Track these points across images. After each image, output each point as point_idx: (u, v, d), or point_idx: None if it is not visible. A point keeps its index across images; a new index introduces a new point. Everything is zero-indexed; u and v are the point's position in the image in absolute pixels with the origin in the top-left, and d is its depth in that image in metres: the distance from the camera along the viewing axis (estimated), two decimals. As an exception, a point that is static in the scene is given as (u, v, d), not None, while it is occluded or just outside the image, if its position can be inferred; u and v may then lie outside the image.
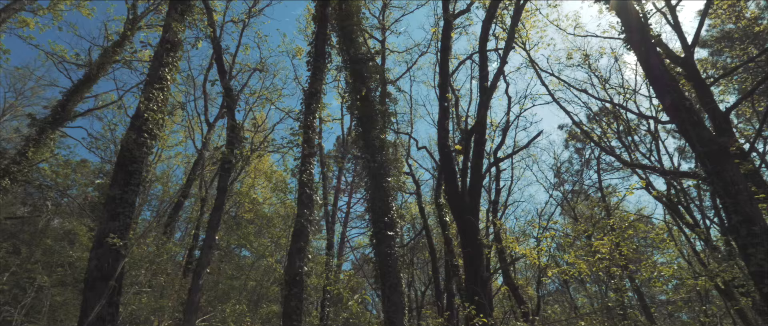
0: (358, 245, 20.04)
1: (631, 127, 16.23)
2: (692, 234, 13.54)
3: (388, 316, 6.36)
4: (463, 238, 8.33)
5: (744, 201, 5.07)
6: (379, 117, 10.07)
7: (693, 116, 5.94)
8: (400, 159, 16.22)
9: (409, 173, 17.01)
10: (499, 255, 12.26)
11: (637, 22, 7.26)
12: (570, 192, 19.80)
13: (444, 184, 11.88)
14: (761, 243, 4.70)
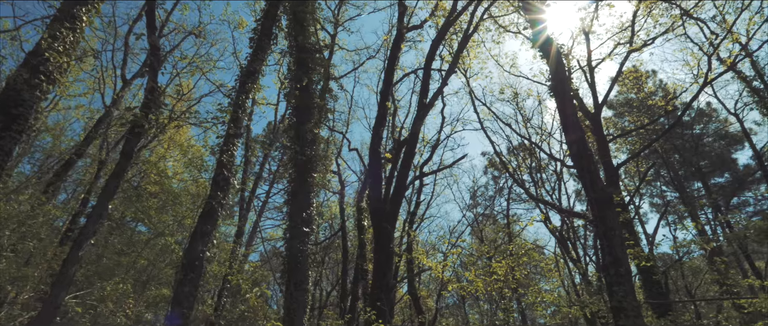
0: (270, 237, 19.33)
1: (542, 165, 17.98)
2: (574, 267, 15.37)
3: (289, 313, 6.20)
4: (377, 244, 8.48)
5: (617, 246, 5.90)
6: (316, 110, 9.89)
7: (591, 165, 6.78)
8: (330, 156, 16.08)
9: (336, 172, 16.92)
10: (407, 265, 12.70)
11: (561, 74, 8.10)
12: (481, 215, 21.27)
13: (368, 189, 12.02)
14: (624, 283, 5.50)
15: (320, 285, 19.51)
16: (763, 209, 18.97)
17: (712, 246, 11.93)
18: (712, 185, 20.22)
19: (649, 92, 19.39)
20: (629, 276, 5.75)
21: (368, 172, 13.96)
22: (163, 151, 16.49)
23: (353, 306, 11.49)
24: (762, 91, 15.19)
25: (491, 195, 21.91)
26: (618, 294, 5.27)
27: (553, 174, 18.46)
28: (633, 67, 17.85)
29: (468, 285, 7.81)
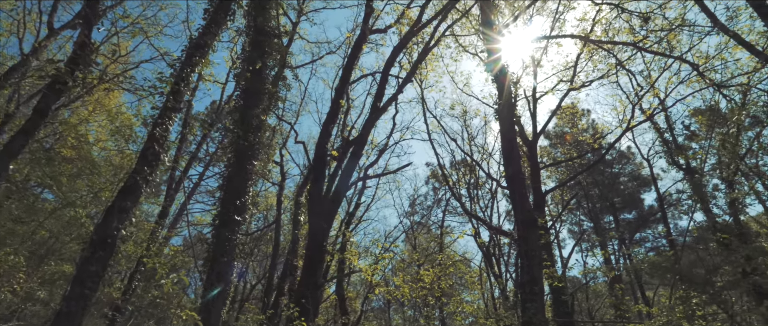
0: (197, 221, 18.24)
1: (479, 183, 18.90)
2: (495, 282, 16.31)
3: (206, 303, 5.89)
4: (311, 241, 8.35)
5: (536, 266, 6.37)
6: (266, 96, 9.55)
7: (522, 189, 7.26)
8: (274, 146, 15.59)
9: (278, 163, 16.42)
10: (338, 265, 12.64)
11: (508, 100, 8.60)
12: (417, 223, 21.84)
13: (310, 184, 11.81)
14: (536, 300, 5.95)
15: (245, 278, 18.75)
16: (658, 246, 21.51)
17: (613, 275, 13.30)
18: (621, 220, 22.55)
19: (581, 129, 21.24)
20: (542, 294, 6.23)
21: (312, 167, 13.72)
22: (87, 114, 14.91)
23: (277, 302, 11.18)
24: (670, 143, 17.27)
25: (429, 205, 22.58)
26: (530, 311, 5.68)
27: (489, 192, 19.49)
28: (571, 103, 19.46)
29: (395, 290, 7.96)
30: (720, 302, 10.33)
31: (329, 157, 11.67)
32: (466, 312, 7.41)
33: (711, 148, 15.20)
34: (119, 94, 16.13)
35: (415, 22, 12.77)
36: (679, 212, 20.63)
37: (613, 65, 14.99)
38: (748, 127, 13.51)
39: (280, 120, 16.25)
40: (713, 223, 13.18)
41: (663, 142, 17.46)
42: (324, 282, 8.74)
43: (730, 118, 13.65)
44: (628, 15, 12.91)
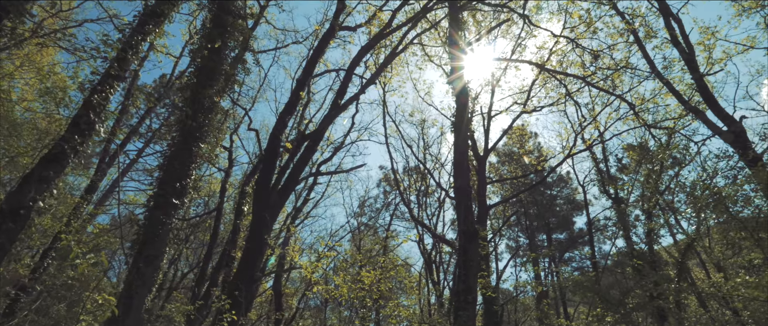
0: (130, 200, 16.95)
1: (429, 191, 19.34)
2: (433, 288, 16.76)
3: (130, 288, 5.48)
4: (253, 232, 8.07)
5: (472, 275, 6.63)
6: (222, 78, 9.12)
7: (468, 201, 7.53)
8: (225, 130, 14.93)
9: (227, 148, 15.73)
10: (278, 260, 12.33)
11: (465, 115, 8.90)
12: (364, 224, 21.89)
13: (258, 174, 11.42)
14: (469, 309, 6.19)
15: (177, 265, 17.71)
16: (583, 266, 23.25)
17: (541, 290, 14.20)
18: (554, 239, 24.11)
19: (528, 150, 22.46)
20: (475, 303, 6.49)
21: (263, 157, 13.28)
22: (12, 69, 13.36)
23: (209, 293, 10.66)
24: (604, 173, 18.77)
25: (378, 207, 22.75)
26: (462, 318, 5.89)
27: (437, 201, 20.01)
28: (521, 125, 20.53)
29: (334, 290, 7.91)
30: (629, 322, 11.36)
31: (282, 149, 11.37)
32: (401, 315, 7.54)
33: (637, 182, 16.73)
34: (54, 52, 14.65)
35: (386, 25, 12.84)
36: (605, 237, 22.44)
37: (563, 95, 16.05)
38: (669, 166, 15.02)
39: (234, 104, 15.59)
40: (631, 250, 14.50)
41: (598, 171, 18.93)
42: (261, 276, 8.48)
43: (655, 157, 15.12)
44: (582, 50, 13.91)
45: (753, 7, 12.56)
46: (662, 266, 14.23)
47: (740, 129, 11.18)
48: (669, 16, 13.39)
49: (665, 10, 13.49)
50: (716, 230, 11.68)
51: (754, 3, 12.47)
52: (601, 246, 23.26)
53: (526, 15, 11.94)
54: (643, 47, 13.82)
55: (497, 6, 13.31)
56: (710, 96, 12.13)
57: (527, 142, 22.77)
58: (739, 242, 9.96)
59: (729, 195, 9.75)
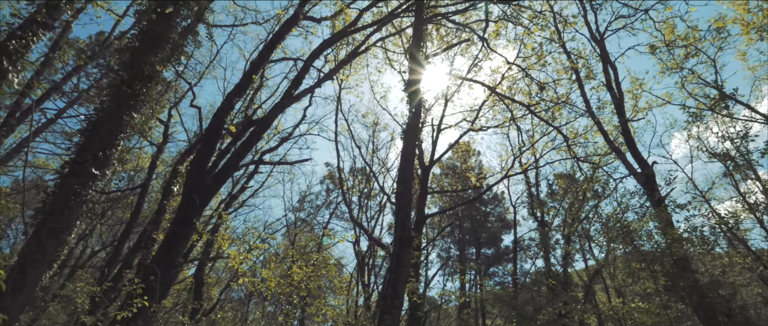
0: (40, 164, 15.11)
1: (372, 194, 19.46)
2: (362, 290, 16.86)
3: (24, 262, 4.88)
4: (180, 215, 7.56)
5: (401, 281, 6.76)
6: (169, 47, 8.50)
7: (408, 209, 7.69)
8: (164, 103, 13.92)
9: (164, 122, 14.63)
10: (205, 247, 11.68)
11: (416, 124, 9.09)
12: (302, 220, 21.49)
13: (195, 154, 10.75)
14: (394, 313, 6.30)
15: (87, 241, 16.05)
16: (504, 282, 24.72)
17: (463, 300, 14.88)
18: (482, 253, 25.38)
19: (470, 166, 23.47)
20: (400, 308, 6.62)
21: (203, 137, 12.51)
22: None
23: (120, 275, 9.77)
24: (534, 197, 20.14)
25: (319, 204, 22.46)
26: (386, 322, 5.97)
27: (378, 204, 20.18)
28: (467, 141, 21.43)
29: (260, 283, 7.64)
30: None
31: (225, 131, 10.82)
32: (327, 315, 7.48)
33: (561, 208, 18.15)
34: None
35: (352, 23, 12.76)
36: (527, 256, 24.02)
37: (508, 119, 17.00)
38: (590, 198, 16.49)
39: (178, 76, 14.56)
40: (548, 270, 15.68)
41: (529, 194, 20.26)
42: (183, 262, 7.96)
43: (580, 187, 16.54)
44: (530, 80, 14.85)
45: (674, 68, 14.25)
46: (573, 288, 15.55)
47: (651, 172, 12.59)
48: (607, 62, 14.79)
49: (605, 56, 14.88)
50: (622, 259, 13.00)
51: (675, 65, 14.16)
52: (523, 264, 24.88)
53: (485, 38, 12.51)
54: (582, 87, 15.11)
55: (460, 25, 13.81)
56: (631, 139, 13.55)
57: (470, 159, 23.80)
58: (638, 272, 11.18)
59: (635, 229, 10.91)
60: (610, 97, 14.51)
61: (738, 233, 11.41)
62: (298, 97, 12.23)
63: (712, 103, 13.21)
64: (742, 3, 13.08)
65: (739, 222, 11.31)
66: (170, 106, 14.93)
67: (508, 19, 13.45)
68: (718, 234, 11.21)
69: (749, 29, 13.20)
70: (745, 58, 14.04)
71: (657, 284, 9.64)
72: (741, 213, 11.47)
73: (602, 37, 14.97)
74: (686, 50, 13.85)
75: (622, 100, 14.29)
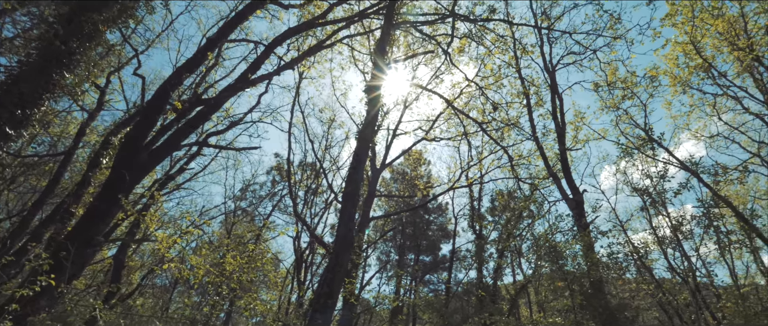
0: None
1: (319, 190, 19.20)
2: (296, 287, 16.55)
3: None
4: (105, 190, 6.94)
5: (337, 281, 6.72)
6: (116, 6, 7.80)
7: (353, 209, 7.69)
8: (103, 66, 12.77)
9: (100, 88, 13.39)
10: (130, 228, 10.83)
11: (372, 126, 9.12)
12: (242, 209, 20.67)
13: (133, 127, 9.94)
14: (327, 313, 6.24)
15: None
16: (438, 289, 25.48)
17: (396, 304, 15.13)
18: (420, 260, 25.97)
19: (420, 174, 23.97)
20: (333, 308, 6.58)
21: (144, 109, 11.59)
22: None
23: (25, 248, 8.74)
24: (475, 210, 20.99)
25: (262, 195, 21.73)
26: (317, 321, 5.91)
27: (324, 202, 19.95)
28: (420, 150, 21.87)
29: (188, 270, 7.22)
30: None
31: (170, 106, 10.13)
32: (257, 309, 7.23)
33: (499, 224, 19.09)
34: None
35: (321, 15, 12.55)
36: (462, 266, 24.96)
37: (461, 133, 17.62)
38: (526, 217, 17.50)
39: (125, 41, 13.42)
40: (480, 281, 16.40)
41: (471, 207, 21.09)
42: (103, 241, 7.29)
43: (517, 206, 17.49)
44: (486, 99, 15.50)
45: (612, 107, 15.59)
46: (500, 300, 16.39)
47: (581, 199, 13.65)
48: (555, 93, 15.84)
49: (554, 87, 15.93)
50: (547, 277, 13.92)
51: (613, 104, 15.50)
52: (457, 274, 25.79)
53: (449, 52, 12.86)
54: (531, 112, 16.06)
55: (427, 36, 14.09)
56: (568, 167, 14.60)
57: (420, 167, 24.31)
58: (560, 290, 12.02)
59: (562, 250, 11.73)
60: (554, 125, 15.56)
61: (646, 262, 12.70)
62: (254, 81, 11.78)
63: (640, 143, 14.63)
64: (673, 58, 14.65)
65: (649, 252, 12.61)
66: (111, 71, 13.72)
67: (473, 38, 13.96)
68: (630, 262, 12.41)
69: (676, 82, 14.81)
70: (670, 107, 15.74)
71: (574, 302, 10.44)
72: (651, 245, 12.78)
73: (554, 69, 16.03)
74: (623, 92, 15.22)
75: (564, 130, 15.38)
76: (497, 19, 13.09)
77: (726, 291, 11.78)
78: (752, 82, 13.46)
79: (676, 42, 14.19)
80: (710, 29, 13.34)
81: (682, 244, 12.64)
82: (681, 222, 12.75)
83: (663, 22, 13.98)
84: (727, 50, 13.40)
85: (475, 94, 16.71)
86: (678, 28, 13.91)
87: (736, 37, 12.78)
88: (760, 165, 14.00)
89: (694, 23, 13.36)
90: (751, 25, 12.53)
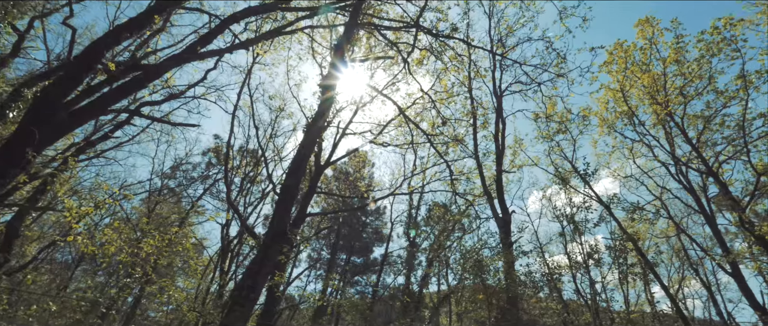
0: None
1: (257, 180, 18.50)
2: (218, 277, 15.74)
3: None
4: (9, 147, 6.08)
5: (263, 275, 6.50)
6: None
7: (290, 203, 7.50)
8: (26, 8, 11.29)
9: (19, 32, 11.76)
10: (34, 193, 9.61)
11: (321, 121, 8.98)
12: (170, 188, 19.27)
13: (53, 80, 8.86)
14: (247, 307, 6.00)
15: None
16: (364, 291, 25.67)
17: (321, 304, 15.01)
18: (352, 261, 26.00)
19: (362, 176, 24.04)
20: (255, 302, 6.35)
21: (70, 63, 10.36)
22: None
23: None
24: (412, 218, 21.50)
25: (194, 176, 20.42)
26: (235, 314, 5.66)
27: (261, 192, 19.24)
28: (367, 152, 21.94)
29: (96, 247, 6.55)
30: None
31: (102, 66, 9.18)
32: (171, 296, 6.74)
33: (432, 234, 19.71)
34: None
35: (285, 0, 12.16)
36: (392, 271, 25.40)
37: (409, 142, 17.97)
38: (458, 230, 18.25)
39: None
40: (407, 288, 16.79)
41: (409, 215, 21.56)
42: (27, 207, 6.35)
43: (451, 219, 18.20)
44: (437, 113, 15.98)
45: (547, 137, 16.83)
46: (423, 307, 16.89)
47: (509, 219, 14.53)
48: (500, 117, 16.77)
49: (499, 111, 16.85)
50: (469, 289, 14.62)
51: (548, 135, 16.75)
52: (386, 278, 26.16)
53: (408, 62, 13.09)
54: (476, 132, 16.85)
55: (389, 41, 14.23)
56: (501, 188, 15.49)
57: (364, 169, 24.40)
58: (480, 302, 12.70)
59: (486, 265, 12.39)
60: (495, 147, 16.46)
61: (557, 284, 13.83)
62: (203, 55, 11.08)
63: (566, 174, 15.95)
64: (604, 102, 16.21)
65: (561, 275, 13.75)
66: (35, 15, 12.14)
67: (433, 52, 14.35)
68: (544, 282, 13.44)
69: (603, 124, 16.38)
70: (596, 145, 17.36)
71: (490, 315, 11.07)
72: (563, 269, 13.95)
73: (502, 94, 16.98)
74: (558, 126, 16.52)
75: (503, 153, 16.32)
76: (458, 37, 13.59)
77: (619, 316, 13.19)
78: (664, 134, 15.29)
79: (609, 88, 15.74)
80: (637, 82, 14.96)
81: (590, 270, 13.96)
82: (593, 251, 14.08)
83: (601, 69, 15.43)
84: (648, 102, 15.10)
85: (427, 107, 17.15)
86: (612, 75, 15.44)
87: (657, 92, 14.45)
88: (660, 208, 15.91)
89: (626, 74, 14.91)
90: (669, 84, 14.25)
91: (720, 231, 13.38)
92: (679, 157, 14.43)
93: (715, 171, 12.69)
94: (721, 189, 12.59)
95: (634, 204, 14.93)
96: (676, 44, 13.66)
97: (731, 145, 12.78)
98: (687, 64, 13.59)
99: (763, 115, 11.74)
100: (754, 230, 11.01)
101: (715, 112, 13.07)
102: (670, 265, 19.67)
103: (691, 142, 13.35)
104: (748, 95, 11.89)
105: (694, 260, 17.87)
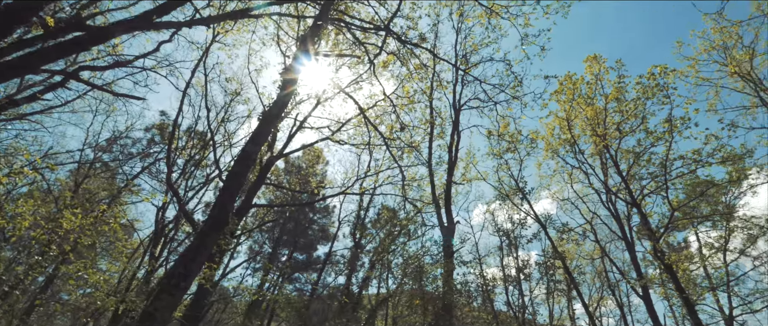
0: None
1: (204, 163, 17.61)
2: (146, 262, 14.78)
3: None
4: None
5: (197, 264, 6.19)
6: None
7: (235, 191, 7.22)
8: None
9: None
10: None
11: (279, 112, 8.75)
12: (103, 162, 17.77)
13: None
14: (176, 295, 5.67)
15: None
16: (303, 289, 25.24)
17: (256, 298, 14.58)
18: (294, 257, 25.48)
19: (315, 172, 23.71)
20: (185, 291, 6.03)
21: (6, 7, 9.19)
22: None
23: None
24: (361, 219, 21.49)
25: (132, 152, 18.97)
26: (161, 302, 5.33)
27: (205, 177, 18.34)
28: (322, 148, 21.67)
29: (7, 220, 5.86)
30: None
31: (38, 20, 8.29)
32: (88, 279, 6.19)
33: (378, 236, 19.85)
34: None
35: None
36: (334, 270, 25.22)
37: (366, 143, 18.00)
38: (403, 235, 18.53)
39: None
40: (347, 288, 16.76)
41: (357, 216, 21.56)
42: None
43: (398, 223, 18.44)
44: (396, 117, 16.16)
45: (497, 155, 17.61)
46: (360, 309, 16.93)
47: (453, 228, 15.00)
48: (456, 129, 17.30)
49: (456, 123, 17.38)
50: (408, 294, 14.88)
51: (498, 153, 17.54)
52: (327, 277, 25.91)
53: (374, 63, 13.13)
54: (432, 141, 17.25)
55: (357, 40, 14.19)
56: (450, 198, 15.96)
57: (318, 165, 24.08)
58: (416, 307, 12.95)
59: (426, 271, 12.68)
60: (448, 158, 16.94)
61: (491, 294, 14.48)
62: (158, 25, 10.33)
63: (510, 191, 16.78)
64: (551, 128, 17.28)
65: (495, 286, 14.41)
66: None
67: (399, 58, 14.50)
68: (479, 292, 14.01)
69: (548, 148, 17.46)
70: (540, 167, 18.44)
71: (425, 320, 11.34)
72: (498, 281, 14.64)
73: (460, 108, 17.53)
74: (508, 145, 17.36)
75: (455, 164, 16.84)
76: (424, 47, 13.86)
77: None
78: (600, 163, 16.59)
79: (557, 116, 16.82)
80: (582, 113, 16.13)
81: (521, 284, 14.76)
82: (525, 265, 14.92)
83: (551, 97, 16.45)
84: (589, 133, 16.32)
85: (388, 110, 17.29)
86: (561, 104, 16.52)
87: (598, 125, 15.67)
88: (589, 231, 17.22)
89: (572, 105, 16.02)
90: (609, 119, 15.50)
91: (637, 258, 14.73)
92: (610, 186, 15.72)
93: (638, 202, 13.97)
94: (641, 220, 13.88)
95: (565, 225, 16.05)
96: (618, 83, 14.91)
97: (654, 181, 14.13)
98: (625, 102, 14.87)
99: (682, 157, 13.14)
100: (664, 259, 12.26)
101: (644, 150, 14.40)
102: (592, 285, 21.31)
103: (622, 174, 14.60)
104: (673, 138, 13.24)
105: (613, 282, 19.51)
